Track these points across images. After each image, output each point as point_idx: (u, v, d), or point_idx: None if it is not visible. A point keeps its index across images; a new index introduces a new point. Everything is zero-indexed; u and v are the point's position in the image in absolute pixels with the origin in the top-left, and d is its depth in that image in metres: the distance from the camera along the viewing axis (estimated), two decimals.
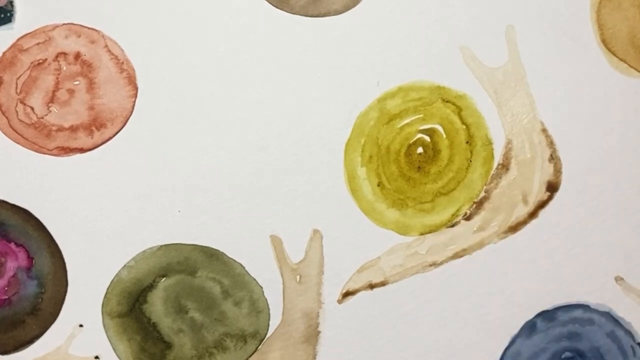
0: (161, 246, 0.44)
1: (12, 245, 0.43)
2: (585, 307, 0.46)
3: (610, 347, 0.46)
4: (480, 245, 0.45)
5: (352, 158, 0.44)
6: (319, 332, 0.45)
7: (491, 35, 0.45)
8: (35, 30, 0.43)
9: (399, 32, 0.44)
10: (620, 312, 0.46)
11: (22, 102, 0.43)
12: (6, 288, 0.43)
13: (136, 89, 0.43)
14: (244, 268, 0.44)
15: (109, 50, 0.43)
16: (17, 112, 0.43)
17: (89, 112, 0.43)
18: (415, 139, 0.45)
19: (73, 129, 0.43)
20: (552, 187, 0.46)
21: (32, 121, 0.43)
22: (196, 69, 0.43)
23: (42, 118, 0.43)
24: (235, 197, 0.44)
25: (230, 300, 0.44)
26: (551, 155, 0.45)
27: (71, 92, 0.43)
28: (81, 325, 0.43)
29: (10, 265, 0.43)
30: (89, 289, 0.43)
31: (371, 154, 0.45)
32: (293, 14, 0.44)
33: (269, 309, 0.44)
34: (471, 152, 0.45)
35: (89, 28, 0.43)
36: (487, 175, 0.45)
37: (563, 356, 0.46)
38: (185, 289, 0.44)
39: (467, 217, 0.45)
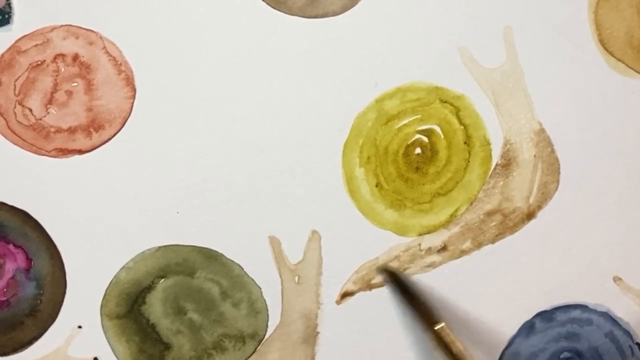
0: (160, 247, 0.44)
1: (11, 246, 0.43)
2: (583, 307, 0.46)
3: (609, 347, 0.46)
4: (478, 245, 0.45)
5: (350, 159, 0.44)
6: (318, 332, 0.45)
7: (489, 36, 0.45)
8: (34, 31, 0.43)
9: (397, 33, 0.44)
10: (618, 312, 0.46)
11: (20, 103, 0.43)
12: (5, 289, 0.43)
13: (134, 90, 0.43)
14: (243, 269, 0.44)
15: (107, 52, 0.43)
16: (15, 113, 0.43)
17: (87, 114, 0.43)
18: (413, 139, 0.45)
19: (71, 130, 0.43)
20: (550, 188, 0.46)
21: (31, 123, 0.43)
22: (194, 70, 0.43)
23: (40, 119, 0.43)
24: (233, 198, 0.44)
25: (229, 301, 0.44)
26: (549, 155, 0.45)
27: (69, 93, 0.43)
28: (80, 327, 0.43)
29: (9, 267, 0.43)
30: (87, 290, 0.43)
31: (369, 154, 0.45)
32: (291, 14, 0.44)
33: (267, 309, 0.44)
34: (469, 152, 0.45)
35: (87, 29, 0.43)
36: (485, 176, 0.45)
37: (562, 356, 0.46)
38: (184, 290, 0.44)
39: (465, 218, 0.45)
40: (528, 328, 0.45)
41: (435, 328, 0.40)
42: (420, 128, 0.45)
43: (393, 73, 0.44)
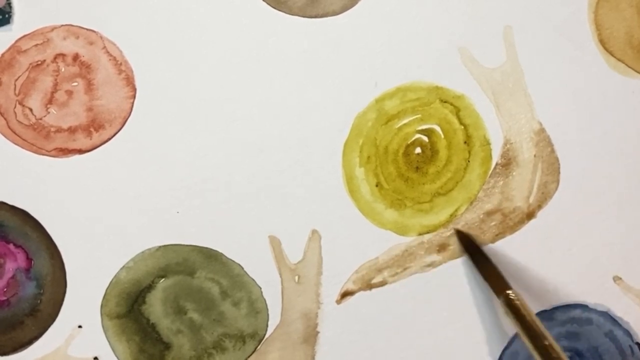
0: (160, 247, 0.44)
1: (11, 246, 0.43)
2: (583, 306, 0.46)
3: (609, 346, 0.46)
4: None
5: (350, 158, 0.44)
6: (318, 332, 0.45)
7: (489, 36, 0.45)
8: (34, 31, 0.43)
9: (397, 32, 0.44)
10: (618, 311, 0.46)
11: (20, 103, 0.43)
12: (5, 289, 0.43)
13: (135, 90, 0.43)
14: (243, 269, 0.44)
15: (108, 52, 0.43)
16: (15, 113, 0.43)
17: (88, 114, 0.43)
18: (413, 139, 0.45)
19: (72, 130, 0.43)
20: (550, 187, 0.46)
21: (31, 122, 0.43)
22: (194, 70, 0.43)
23: (40, 119, 0.43)
24: (233, 198, 0.44)
25: (229, 301, 0.44)
26: (549, 155, 0.45)
27: (70, 93, 0.43)
28: (80, 326, 0.44)
29: (9, 267, 0.43)
30: (87, 290, 0.43)
31: (369, 154, 0.45)
32: (291, 14, 0.44)
33: (267, 309, 0.44)
34: (469, 152, 0.45)
35: (87, 29, 0.43)
36: (485, 176, 0.45)
37: None
38: (184, 290, 0.44)
39: (465, 218, 0.45)
40: None
41: (507, 292, 0.41)
42: (420, 128, 0.45)
43: (393, 73, 0.44)
